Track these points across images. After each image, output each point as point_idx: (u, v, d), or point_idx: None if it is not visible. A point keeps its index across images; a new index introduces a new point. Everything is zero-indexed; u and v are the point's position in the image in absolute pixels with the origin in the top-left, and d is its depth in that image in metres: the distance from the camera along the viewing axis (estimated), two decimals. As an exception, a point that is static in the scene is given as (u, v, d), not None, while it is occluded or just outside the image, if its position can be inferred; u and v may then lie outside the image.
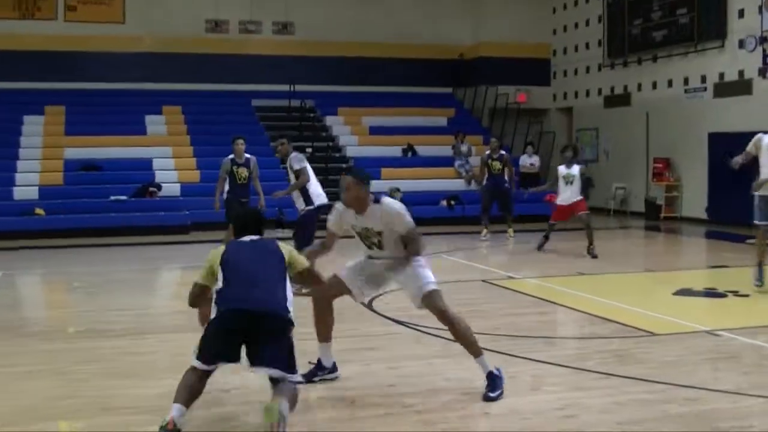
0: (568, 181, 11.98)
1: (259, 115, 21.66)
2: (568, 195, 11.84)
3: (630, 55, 20.61)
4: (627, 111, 20.66)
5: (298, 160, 9.14)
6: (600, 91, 21.66)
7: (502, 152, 14.52)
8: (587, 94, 22.25)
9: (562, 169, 12.07)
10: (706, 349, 6.46)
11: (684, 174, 18.87)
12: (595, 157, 22.26)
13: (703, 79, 18.27)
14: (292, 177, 9.25)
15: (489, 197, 14.49)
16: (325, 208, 8.42)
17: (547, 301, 8.59)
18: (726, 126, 17.39)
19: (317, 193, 9.23)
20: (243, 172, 11.51)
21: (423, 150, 20.93)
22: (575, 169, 11.97)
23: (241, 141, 11.60)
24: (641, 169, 20.15)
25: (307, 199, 9.04)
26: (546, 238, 12.42)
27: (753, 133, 9.09)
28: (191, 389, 4.32)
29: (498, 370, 5.30)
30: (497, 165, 14.50)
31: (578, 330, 7.30)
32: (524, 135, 21.94)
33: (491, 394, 5.15)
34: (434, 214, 17.60)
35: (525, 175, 19.78)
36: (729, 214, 16.69)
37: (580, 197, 12.17)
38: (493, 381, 5.22)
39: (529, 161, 20.17)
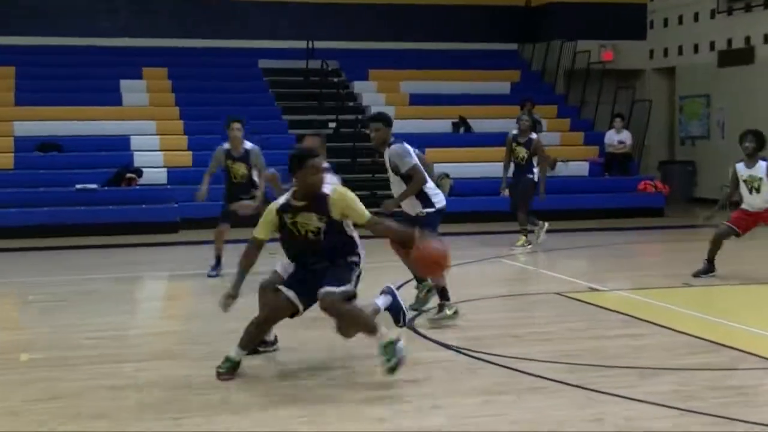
0: (753, 186, 11.12)
1: (268, 80, 21.67)
2: (758, 202, 10.99)
3: (754, -3, 20.44)
4: (749, 71, 20.77)
5: (406, 154, 8.29)
6: (712, 46, 21.82)
7: (533, 135, 14.01)
8: (695, 49, 22.46)
9: (741, 169, 11.17)
10: None
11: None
12: (705, 132, 22.17)
13: None
14: (392, 177, 8.54)
15: (514, 195, 14.15)
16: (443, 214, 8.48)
17: (641, 320, 8.62)
18: None
19: (435, 191, 8.61)
20: (240, 168, 11.35)
21: (479, 124, 20.91)
22: (762, 168, 10.94)
23: (237, 126, 11.41)
24: (768, 148, 20.23)
25: (426, 200, 8.47)
26: (710, 263, 11.18)
27: None
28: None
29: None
30: (522, 152, 14.04)
31: (684, 358, 7.24)
32: (610, 104, 22.09)
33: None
34: (493, 207, 17.32)
35: (612, 156, 20.09)
36: None
37: None
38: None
39: (616, 138, 20.35)
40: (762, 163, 10.54)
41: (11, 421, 5.76)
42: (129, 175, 17.42)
